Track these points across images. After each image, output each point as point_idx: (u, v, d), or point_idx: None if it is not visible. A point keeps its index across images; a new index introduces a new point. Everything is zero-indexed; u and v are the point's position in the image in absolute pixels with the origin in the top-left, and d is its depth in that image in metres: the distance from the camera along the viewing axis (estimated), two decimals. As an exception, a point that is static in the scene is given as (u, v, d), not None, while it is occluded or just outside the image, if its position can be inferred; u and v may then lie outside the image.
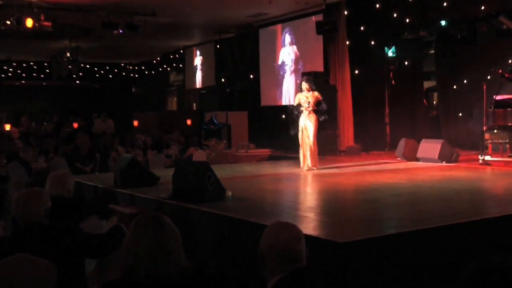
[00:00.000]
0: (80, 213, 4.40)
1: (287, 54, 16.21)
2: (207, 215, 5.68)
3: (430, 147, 10.60)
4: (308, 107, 9.57)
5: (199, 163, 7.08)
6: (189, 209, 5.91)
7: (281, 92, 16.46)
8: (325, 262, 4.11)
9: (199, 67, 21.31)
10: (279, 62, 16.51)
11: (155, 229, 2.44)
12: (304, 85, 9.72)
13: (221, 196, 6.50)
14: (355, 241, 4.33)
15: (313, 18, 14.70)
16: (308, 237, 2.80)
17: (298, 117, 9.72)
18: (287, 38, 16.12)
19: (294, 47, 15.89)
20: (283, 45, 16.29)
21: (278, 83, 16.58)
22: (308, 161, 9.72)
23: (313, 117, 9.63)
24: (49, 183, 4.52)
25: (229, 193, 6.69)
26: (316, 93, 9.69)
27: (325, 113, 9.73)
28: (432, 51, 15.02)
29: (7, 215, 5.27)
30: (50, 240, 3.34)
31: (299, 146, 9.85)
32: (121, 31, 14.17)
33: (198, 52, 21.38)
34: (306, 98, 9.64)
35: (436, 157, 10.31)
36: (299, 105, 9.71)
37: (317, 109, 9.64)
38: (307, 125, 9.63)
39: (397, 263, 4.42)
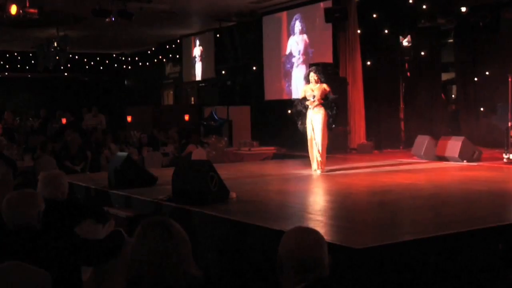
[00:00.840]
0: (74, 216, 4.39)
1: (295, 43, 16.12)
2: (210, 219, 5.68)
3: (449, 145, 10.59)
4: (313, 101, 9.21)
5: (201, 162, 7.08)
6: (190, 212, 5.90)
7: (288, 85, 16.39)
8: (340, 270, 4.10)
9: (197, 58, 21.28)
10: (287, 52, 16.43)
11: (163, 235, 2.43)
12: (312, 76, 9.36)
13: (225, 198, 6.50)
14: (373, 247, 4.33)
15: (322, 4, 14.67)
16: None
17: (302, 112, 9.42)
18: (297, 25, 15.96)
19: (305, 36, 15.77)
20: (292, 33, 16.16)
21: (283, 75, 16.54)
22: (315, 162, 9.38)
23: (320, 112, 9.26)
24: (41, 184, 4.52)
25: (233, 195, 6.71)
26: (324, 85, 9.35)
27: (335, 107, 9.37)
28: (451, 40, 14.99)
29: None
30: (44, 246, 3.33)
31: (307, 145, 9.52)
32: (113, 19, 14.10)
33: (196, 42, 21.35)
34: (312, 91, 9.30)
35: (457, 156, 10.31)
36: (304, 99, 9.39)
37: (324, 103, 9.27)
38: (313, 121, 9.28)
39: (419, 271, 4.41)
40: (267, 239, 5.04)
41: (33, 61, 23.74)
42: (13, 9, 12.91)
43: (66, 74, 26.42)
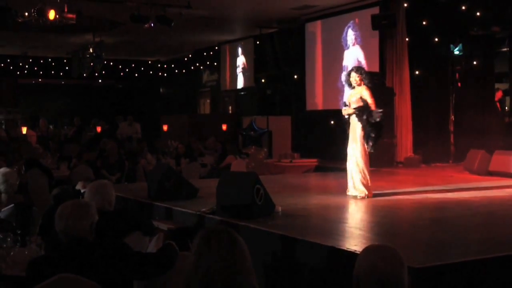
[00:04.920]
0: (122, 228, 4.44)
1: (351, 57, 15.54)
2: (257, 233, 5.68)
3: (505, 160, 10.44)
4: (345, 109, 8.14)
5: (247, 174, 7.10)
6: (236, 226, 5.90)
7: (334, 95, 16.07)
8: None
9: (236, 65, 21.35)
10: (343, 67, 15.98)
11: (230, 244, 2.46)
12: (354, 77, 8.09)
13: (271, 211, 6.51)
14: (433, 266, 4.28)
15: (369, 11, 14.59)
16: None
17: (347, 122, 8.29)
18: (352, 36, 15.52)
19: (358, 47, 15.46)
20: (346, 46, 15.71)
21: (327, 84, 16.40)
22: (360, 186, 8.17)
23: (359, 123, 8.12)
24: (88, 193, 4.59)
25: (279, 209, 6.71)
26: (364, 90, 8.04)
27: (367, 118, 7.96)
28: (506, 49, 14.76)
29: (34, 230, 5.34)
30: (97, 259, 3.37)
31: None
32: (152, 25, 14.25)
33: (239, 51, 21.39)
34: (351, 96, 8.16)
35: (513, 171, 10.17)
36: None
37: (357, 114, 8.04)
38: (354, 133, 8.18)
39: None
40: (318, 255, 5.02)
41: (67, 68, 24.16)
42: (51, 14, 13.13)
43: (100, 81, 26.82)
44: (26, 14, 13.58)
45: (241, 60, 21.06)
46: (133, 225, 4.58)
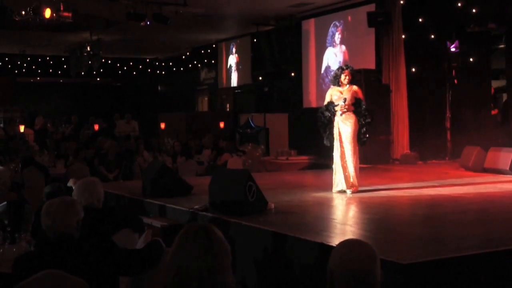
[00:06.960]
0: (111, 225, 4.47)
1: (333, 55, 15.94)
2: (248, 230, 5.71)
3: (500, 157, 10.45)
4: (343, 106, 8.17)
5: (239, 171, 7.13)
6: (228, 223, 5.94)
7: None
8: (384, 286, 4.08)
9: (233, 63, 21.40)
10: (323, 67, 16.24)
11: (205, 243, 2.47)
12: (347, 75, 8.26)
13: (263, 208, 6.54)
14: (421, 262, 4.30)
15: (365, 8, 14.62)
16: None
17: (331, 120, 8.34)
18: (336, 35, 15.73)
19: (343, 47, 15.63)
20: (330, 44, 15.98)
21: (323, 83, 16.46)
22: (346, 181, 8.28)
23: (350, 120, 8.23)
24: (77, 190, 4.62)
25: (272, 206, 6.74)
26: (354, 87, 8.28)
27: (368, 116, 8.25)
28: (502, 46, 14.77)
29: (27, 227, 5.37)
30: (83, 255, 3.40)
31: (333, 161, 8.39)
32: (148, 23, 14.28)
33: (232, 50, 21.44)
34: (340, 93, 8.25)
35: (507, 168, 10.17)
36: (331, 103, 8.34)
37: (356, 110, 8.23)
38: (342, 131, 8.26)
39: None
40: (308, 252, 5.05)
41: (65, 66, 24.18)
42: (47, 13, 13.16)
43: (98, 79, 26.84)
44: (23, 12, 13.61)
45: (233, 58, 21.11)
46: (122, 222, 4.61)
